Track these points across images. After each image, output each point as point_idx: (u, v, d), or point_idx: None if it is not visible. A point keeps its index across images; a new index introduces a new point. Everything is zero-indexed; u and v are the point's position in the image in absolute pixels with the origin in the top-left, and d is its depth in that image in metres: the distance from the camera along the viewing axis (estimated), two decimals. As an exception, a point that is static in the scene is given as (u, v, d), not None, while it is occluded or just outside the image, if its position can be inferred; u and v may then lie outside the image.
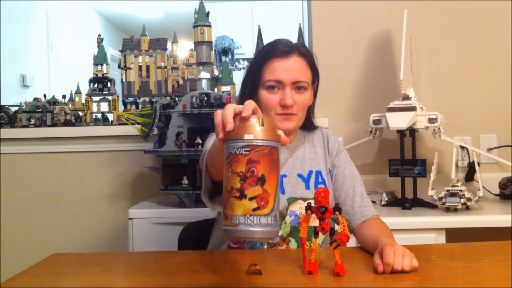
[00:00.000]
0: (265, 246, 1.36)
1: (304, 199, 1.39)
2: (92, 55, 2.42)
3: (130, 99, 2.44)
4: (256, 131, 0.80)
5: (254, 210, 0.79)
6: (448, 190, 1.86)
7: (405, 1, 2.21)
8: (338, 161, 1.49)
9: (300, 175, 1.42)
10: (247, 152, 0.79)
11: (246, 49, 2.93)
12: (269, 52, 1.39)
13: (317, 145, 1.50)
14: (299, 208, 1.38)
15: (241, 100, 1.48)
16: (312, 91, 1.45)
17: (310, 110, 1.50)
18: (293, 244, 1.37)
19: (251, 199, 0.79)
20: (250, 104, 0.83)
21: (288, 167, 1.43)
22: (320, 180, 1.43)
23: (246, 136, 0.80)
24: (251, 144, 0.80)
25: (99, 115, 2.41)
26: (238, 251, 1.36)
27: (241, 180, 0.79)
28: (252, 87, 1.40)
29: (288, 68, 1.35)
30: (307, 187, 1.41)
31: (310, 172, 1.43)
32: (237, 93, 1.81)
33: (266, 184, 0.80)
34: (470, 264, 1.15)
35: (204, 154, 1.20)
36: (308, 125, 1.52)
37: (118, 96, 2.41)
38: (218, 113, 0.84)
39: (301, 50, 1.39)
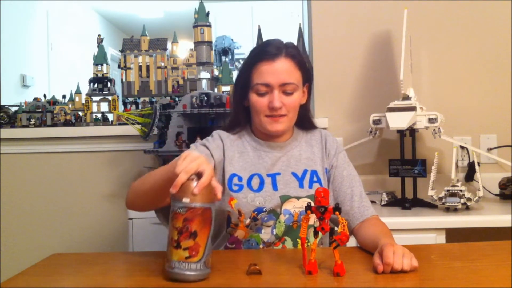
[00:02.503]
0: (261, 246, 1.37)
1: (298, 198, 1.39)
2: (92, 55, 2.42)
3: (130, 99, 2.44)
4: (191, 196, 1.00)
5: (186, 258, 1.00)
6: (448, 190, 1.86)
7: (405, 1, 2.21)
8: (337, 161, 1.48)
9: (294, 174, 1.43)
10: (184, 212, 1.00)
11: (246, 49, 2.92)
12: (257, 55, 1.41)
13: (314, 145, 1.50)
14: (293, 206, 1.38)
15: (234, 102, 1.51)
16: (303, 91, 1.45)
17: (306, 109, 1.50)
18: (288, 243, 1.37)
19: (185, 249, 1.00)
20: (185, 174, 1.00)
21: (282, 165, 1.43)
22: (315, 179, 1.43)
23: (184, 199, 1.00)
24: (187, 206, 1.00)
25: (99, 115, 2.41)
26: (238, 251, 1.36)
27: (178, 233, 1.00)
28: (242, 90, 1.43)
29: (275, 71, 1.36)
30: (301, 186, 1.41)
31: (305, 171, 1.43)
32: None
33: (198, 238, 1.01)
34: (470, 264, 1.15)
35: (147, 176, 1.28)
36: (306, 124, 1.52)
37: (118, 96, 2.42)
38: (179, 167, 1.01)
39: (289, 51, 1.39)
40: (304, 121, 1.51)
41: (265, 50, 1.39)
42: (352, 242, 1.34)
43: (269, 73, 1.36)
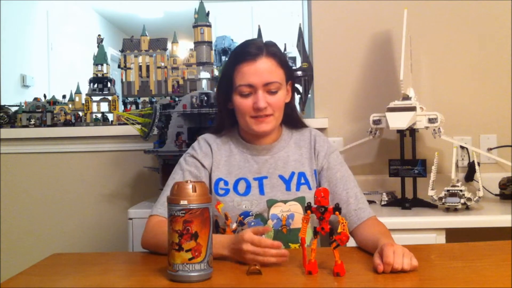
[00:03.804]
0: None
1: (285, 202, 1.38)
2: (92, 55, 2.41)
3: (130, 99, 2.44)
4: (189, 197, 1.02)
5: (189, 259, 1.01)
6: (448, 190, 1.86)
7: (405, 1, 2.21)
8: (328, 163, 1.45)
9: (281, 177, 1.41)
10: (183, 214, 1.01)
11: (246, 49, 2.92)
12: (237, 56, 1.39)
13: (303, 146, 1.47)
14: (280, 211, 1.37)
15: (218, 105, 1.50)
16: (287, 89, 1.43)
17: (291, 108, 1.48)
18: None
19: (187, 251, 1.01)
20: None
21: (269, 168, 1.42)
22: (302, 181, 1.41)
23: (182, 202, 1.02)
24: (185, 208, 1.01)
25: (99, 115, 2.41)
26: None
27: (179, 236, 1.01)
28: (225, 92, 1.41)
29: (257, 71, 1.35)
30: (288, 189, 1.40)
31: (292, 174, 1.42)
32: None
33: (199, 238, 1.02)
34: (470, 264, 1.15)
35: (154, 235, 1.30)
36: (293, 123, 1.50)
37: (118, 96, 2.41)
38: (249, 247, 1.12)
39: (270, 50, 1.38)
40: (291, 119, 1.49)
41: (246, 51, 1.37)
42: (352, 242, 1.34)
43: (251, 73, 1.35)
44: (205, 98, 1.99)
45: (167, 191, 1.38)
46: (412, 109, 1.94)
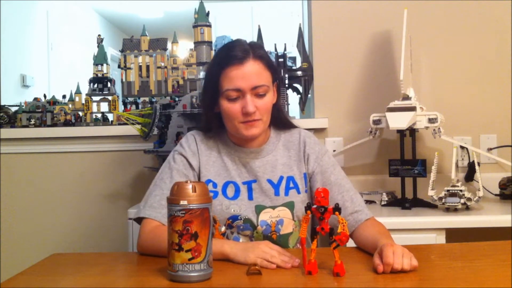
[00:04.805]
0: None
1: (273, 207, 1.37)
2: (92, 55, 2.41)
3: (130, 99, 2.44)
4: (189, 197, 1.02)
5: (189, 259, 1.02)
6: (448, 190, 1.86)
7: (405, 1, 2.21)
8: (321, 167, 1.43)
9: (269, 181, 1.40)
10: (183, 214, 1.01)
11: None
12: (223, 59, 1.35)
13: (291, 148, 1.45)
14: (269, 217, 1.37)
15: (204, 109, 1.45)
16: (274, 91, 1.41)
17: (278, 109, 1.45)
18: None
19: (187, 251, 1.01)
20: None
21: (258, 171, 1.40)
22: (291, 185, 1.40)
23: (182, 202, 1.02)
24: (185, 208, 1.01)
25: (99, 115, 2.41)
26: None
27: (179, 236, 1.01)
28: (212, 97, 1.38)
29: (245, 75, 1.31)
30: (277, 193, 1.39)
31: (281, 178, 1.40)
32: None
33: (199, 238, 1.02)
34: (470, 264, 1.15)
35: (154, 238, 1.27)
36: (281, 124, 1.48)
37: (118, 96, 2.41)
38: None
39: (257, 52, 1.35)
40: (278, 121, 1.47)
41: (232, 54, 1.33)
42: (352, 242, 1.34)
43: (239, 77, 1.31)
44: (205, 98, 1.98)
45: (155, 191, 1.37)
46: (412, 109, 1.94)
